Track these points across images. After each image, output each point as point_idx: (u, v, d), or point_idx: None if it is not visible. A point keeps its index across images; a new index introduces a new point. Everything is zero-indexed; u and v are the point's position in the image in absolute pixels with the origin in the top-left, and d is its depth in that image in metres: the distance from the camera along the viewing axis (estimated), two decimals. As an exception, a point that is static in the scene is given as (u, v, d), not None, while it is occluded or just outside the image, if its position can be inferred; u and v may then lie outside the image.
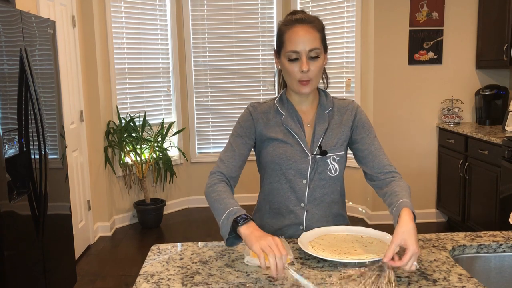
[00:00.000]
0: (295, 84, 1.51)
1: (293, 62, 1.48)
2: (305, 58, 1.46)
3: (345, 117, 1.59)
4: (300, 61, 1.47)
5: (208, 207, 5.66)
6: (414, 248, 1.22)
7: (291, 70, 1.49)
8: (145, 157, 4.65)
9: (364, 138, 1.58)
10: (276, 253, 1.22)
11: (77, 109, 3.97)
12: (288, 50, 1.48)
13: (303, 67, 1.46)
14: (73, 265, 3.18)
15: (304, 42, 1.46)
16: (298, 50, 1.46)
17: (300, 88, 1.51)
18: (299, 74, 1.48)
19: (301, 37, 1.46)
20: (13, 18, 2.38)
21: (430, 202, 4.57)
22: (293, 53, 1.47)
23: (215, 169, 1.56)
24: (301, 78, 1.49)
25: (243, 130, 1.59)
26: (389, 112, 4.48)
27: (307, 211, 1.58)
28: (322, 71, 1.57)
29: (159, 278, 1.29)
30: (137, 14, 4.72)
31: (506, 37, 3.91)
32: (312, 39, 1.47)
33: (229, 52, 5.18)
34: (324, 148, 1.55)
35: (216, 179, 1.53)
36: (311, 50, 1.47)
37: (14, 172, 2.36)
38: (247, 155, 1.60)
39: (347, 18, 4.59)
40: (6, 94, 2.29)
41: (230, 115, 5.22)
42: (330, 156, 1.55)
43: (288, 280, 1.25)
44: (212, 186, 1.51)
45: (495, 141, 3.52)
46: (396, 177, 1.51)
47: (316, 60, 1.49)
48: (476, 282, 1.22)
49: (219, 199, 1.44)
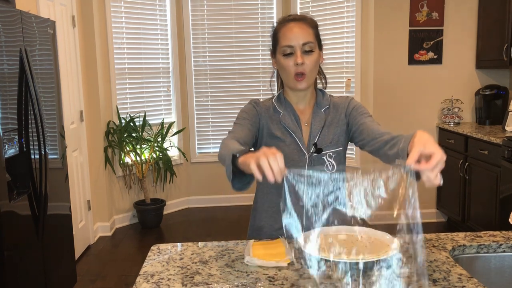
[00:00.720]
0: (291, 79, 1.53)
1: (287, 57, 1.52)
2: (299, 52, 1.50)
3: (339, 112, 1.62)
4: (294, 55, 1.51)
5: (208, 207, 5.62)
6: (440, 152, 1.10)
7: (286, 65, 1.52)
8: (145, 157, 4.65)
9: (357, 116, 1.57)
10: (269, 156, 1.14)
11: (77, 109, 3.97)
12: (282, 45, 1.52)
13: (297, 59, 1.49)
14: (73, 265, 3.18)
15: (298, 37, 1.50)
16: (292, 44, 1.50)
17: (296, 83, 1.53)
18: (294, 68, 1.51)
19: (295, 32, 1.50)
20: (13, 18, 2.38)
21: (430, 202, 4.57)
22: (287, 48, 1.51)
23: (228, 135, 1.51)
24: (296, 71, 1.51)
25: (248, 115, 1.58)
26: (389, 112, 4.48)
27: (305, 210, 1.58)
28: (318, 67, 1.59)
29: (159, 278, 1.29)
30: (137, 14, 4.72)
31: (506, 37, 3.91)
32: (306, 33, 1.51)
33: (229, 52, 5.18)
34: (320, 145, 1.57)
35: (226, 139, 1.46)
36: (305, 43, 1.50)
37: (14, 172, 2.36)
38: (254, 134, 1.57)
39: (347, 18, 4.59)
40: (6, 94, 2.29)
41: (230, 115, 5.21)
42: (326, 153, 1.57)
43: (288, 280, 1.25)
44: (223, 141, 1.44)
45: (495, 141, 3.52)
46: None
47: (310, 54, 1.52)
48: (476, 282, 1.22)
49: (227, 147, 1.38)
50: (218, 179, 5.20)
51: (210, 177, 5.22)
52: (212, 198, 5.26)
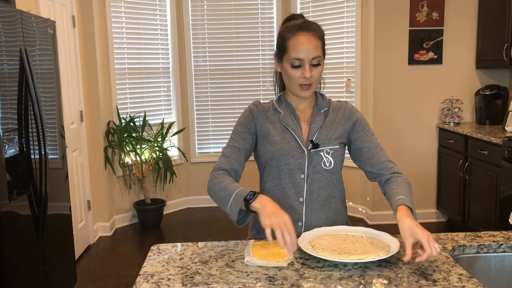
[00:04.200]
0: (296, 88, 1.58)
1: (295, 68, 1.55)
2: (308, 66, 1.54)
3: (339, 115, 1.66)
4: (302, 68, 1.54)
5: (208, 207, 5.61)
6: (424, 234, 1.27)
7: (293, 75, 1.56)
8: (145, 157, 4.65)
9: (362, 136, 1.64)
10: (284, 229, 1.30)
11: (77, 109, 3.97)
12: (291, 57, 1.54)
13: (306, 73, 1.53)
14: (73, 265, 3.18)
15: (308, 50, 1.53)
16: (302, 58, 1.53)
17: (301, 92, 1.58)
18: (300, 79, 1.55)
19: (304, 45, 1.53)
20: (13, 18, 2.38)
21: (430, 202, 4.57)
22: (296, 60, 1.54)
23: (217, 165, 1.60)
24: (303, 83, 1.56)
25: (242, 126, 1.65)
26: (389, 112, 4.48)
27: (305, 206, 1.61)
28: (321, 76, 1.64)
29: (159, 278, 1.29)
30: (137, 14, 4.73)
31: (506, 37, 3.91)
32: (315, 47, 1.54)
33: (229, 52, 5.18)
34: (317, 142, 1.60)
35: (217, 174, 1.57)
36: (314, 58, 1.54)
37: (14, 172, 2.36)
38: (250, 150, 1.65)
39: (347, 18, 4.59)
40: (6, 94, 2.29)
41: (230, 115, 5.22)
42: (323, 149, 1.60)
43: (288, 280, 1.25)
44: (213, 180, 1.56)
45: (495, 141, 3.52)
46: (396, 173, 1.57)
47: (318, 67, 1.56)
48: (476, 282, 1.22)
49: (221, 188, 1.51)
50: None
51: (210, 177, 5.21)
52: (212, 198, 5.25)
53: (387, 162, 1.60)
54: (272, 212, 1.35)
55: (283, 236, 1.30)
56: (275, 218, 1.33)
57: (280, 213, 1.35)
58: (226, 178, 1.54)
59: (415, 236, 1.29)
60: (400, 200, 1.41)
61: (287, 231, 1.30)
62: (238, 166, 1.61)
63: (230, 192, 1.46)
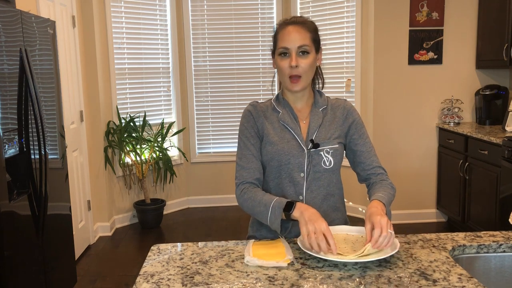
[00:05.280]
0: (287, 81, 1.60)
1: (283, 58, 1.58)
2: (294, 54, 1.56)
3: (338, 114, 1.68)
4: (289, 57, 1.57)
5: (208, 207, 5.64)
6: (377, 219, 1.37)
7: (282, 66, 1.59)
8: (145, 157, 4.65)
9: (357, 139, 1.67)
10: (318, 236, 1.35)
11: (77, 109, 3.97)
12: (279, 47, 1.59)
13: (292, 62, 1.56)
14: (73, 265, 3.18)
15: (294, 40, 1.56)
16: (288, 47, 1.57)
17: (291, 85, 1.60)
18: (288, 69, 1.58)
19: (292, 35, 1.57)
20: (13, 18, 2.38)
21: (430, 202, 4.57)
22: (283, 49, 1.57)
23: (239, 179, 1.63)
24: (291, 73, 1.58)
25: (248, 131, 1.66)
26: (389, 112, 4.48)
27: None
28: (314, 69, 1.64)
29: (159, 278, 1.29)
30: (137, 14, 4.72)
31: (506, 37, 3.91)
32: (302, 37, 1.57)
33: (229, 52, 5.18)
34: (317, 142, 1.62)
35: (245, 189, 1.60)
36: (300, 46, 1.56)
37: (14, 172, 2.36)
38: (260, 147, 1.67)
39: (347, 18, 4.59)
40: (6, 94, 2.29)
41: (230, 115, 5.22)
42: (323, 149, 1.62)
43: (288, 280, 1.25)
44: (243, 196, 1.59)
45: (495, 141, 3.52)
46: (383, 178, 1.63)
47: (306, 57, 1.58)
48: (476, 282, 1.22)
49: (256, 204, 1.55)
50: (218, 179, 5.20)
51: (210, 177, 5.22)
52: (212, 198, 5.26)
53: (377, 168, 1.65)
54: (309, 219, 1.39)
55: (318, 243, 1.34)
56: (311, 225, 1.37)
57: (316, 219, 1.39)
58: (255, 191, 1.58)
59: (371, 220, 1.38)
60: (375, 197, 1.50)
61: (321, 237, 1.34)
62: (259, 174, 1.64)
63: (267, 207, 1.51)
